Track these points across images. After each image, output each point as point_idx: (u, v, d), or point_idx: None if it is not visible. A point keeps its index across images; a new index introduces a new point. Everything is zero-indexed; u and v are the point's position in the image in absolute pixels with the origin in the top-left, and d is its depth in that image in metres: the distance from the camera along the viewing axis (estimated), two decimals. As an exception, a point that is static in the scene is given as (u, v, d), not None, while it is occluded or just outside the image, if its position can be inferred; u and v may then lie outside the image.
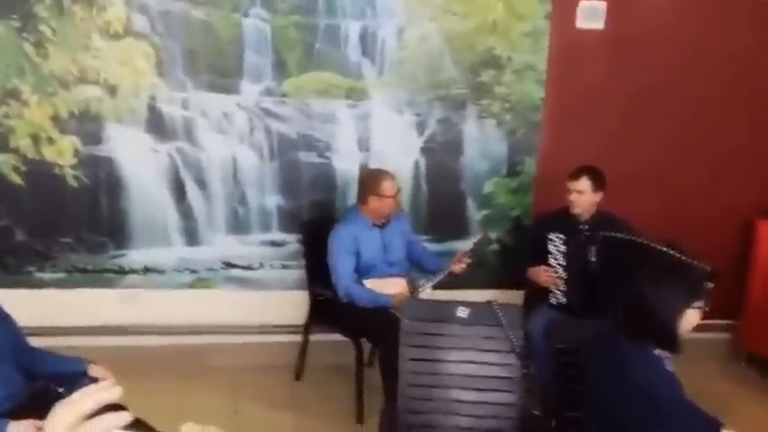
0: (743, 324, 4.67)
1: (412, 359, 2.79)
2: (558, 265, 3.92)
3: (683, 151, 4.61)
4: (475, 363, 2.78)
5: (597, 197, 3.87)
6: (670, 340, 2.18)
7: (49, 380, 2.47)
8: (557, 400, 2.65)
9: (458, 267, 3.86)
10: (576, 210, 3.85)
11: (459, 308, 2.85)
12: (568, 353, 2.75)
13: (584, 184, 3.81)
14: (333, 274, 3.73)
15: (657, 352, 2.22)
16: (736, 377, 4.45)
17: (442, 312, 2.88)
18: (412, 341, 2.81)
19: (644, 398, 2.08)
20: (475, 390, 2.74)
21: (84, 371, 2.61)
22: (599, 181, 3.85)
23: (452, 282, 3.98)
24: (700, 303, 2.20)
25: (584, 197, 3.83)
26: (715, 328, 4.79)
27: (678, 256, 3.37)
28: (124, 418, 0.88)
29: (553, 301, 3.95)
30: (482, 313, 2.78)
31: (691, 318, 2.21)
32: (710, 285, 3.38)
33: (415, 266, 4.07)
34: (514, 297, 4.18)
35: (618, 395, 2.16)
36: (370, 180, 3.80)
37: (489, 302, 2.72)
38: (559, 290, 3.93)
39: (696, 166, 4.63)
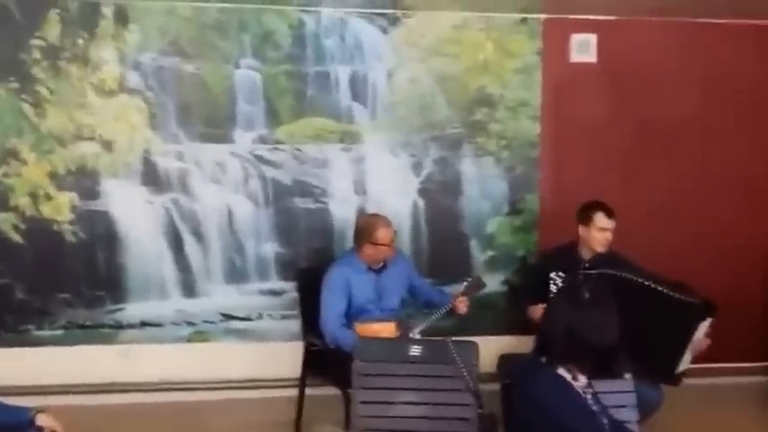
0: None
1: (364, 402, 2.83)
2: (558, 304, 3.94)
3: (693, 183, 4.72)
4: (429, 404, 2.82)
5: None
6: (609, 361, 2.26)
7: None
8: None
9: (460, 307, 3.92)
10: (602, 249, 3.88)
11: (413, 346, 2.92)
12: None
13: (614, 222, 3.87)
14: (321, 317, 3.83)
15: (579, 384, 2.26)
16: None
17: (394, 352, 2.95)
18: (364, 383, 2.85)
19: (545, 418, 2.15)
20: (430, 432, 2.74)
21: (31, 420, 2.67)
22: None
23: (458, 329, 4.01)
24: None
25: (611, 235, 3.88)
26: (753, 370, 4.76)
27: (668, 292, 3.42)
28: None
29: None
30: (436, 351, 2.82)
31: None
32: (709, 320, 3.42)
33: (425, 306, 4.14)
34: (529, 343, 4.20)
35: (529, 417, 2.22)
36: (365, 227, 3.92)
37: (444, 340, 2.75)
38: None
39: (706, 197, 4.73)
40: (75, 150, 4.22)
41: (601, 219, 3.85)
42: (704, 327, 3.47)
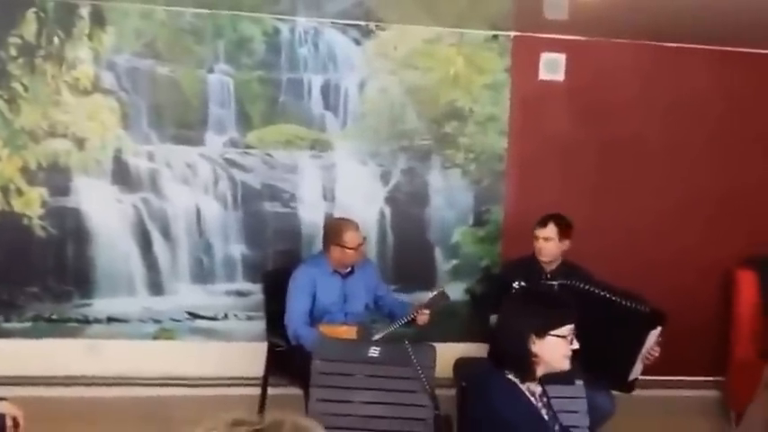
0: (729, 382, 4.86)
1: (321, 400, 3.01)
2: (520, 313, 4.18)
3: (653, 201, 5.01)
4: (386, 404, 2.99)
5: (564, 245, 4.15)
6: (523, 367, 2.34)
7: None
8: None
9: (422, 318, 4.12)
10: (543, 257, 4.14)
11: (372, 347, 3.11)
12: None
13: (550, 230, 4.09)
14: (286, 314, 4.03)
15: (525, 387, 2.36)
16: (727, 439, 4.63)
17: (353, 352, 3.13)
18: (322, 382, 3.04)
19: (495, 422, 2.26)
20: (385, 432, 2.92)
21: None
22: (565, 229, 4.15)
23: (420, 336, 4.24)
24: (559, 332, 2.34)
25: (550, 244, 4.10)
26: (704, 385, 5.07)
27: (620, 301, 3.67)
28: None
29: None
30: (395, 353, 3.00)
31: (553, 347, 2.34)
32: (659, 329, 3.67)
33: (387, 317, 4.33)
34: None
35: (480, 420, 2.33)
36: (333, 230, 4.11)
37: (403, 342, 2.93)
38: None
39: (669, 218, 5.02)
40: (47, 147, 4.43)
41: (536, 228, 4.10)
42: (654, 335, 3.66)
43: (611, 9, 4.03)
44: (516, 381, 2.33)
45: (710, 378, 5.06)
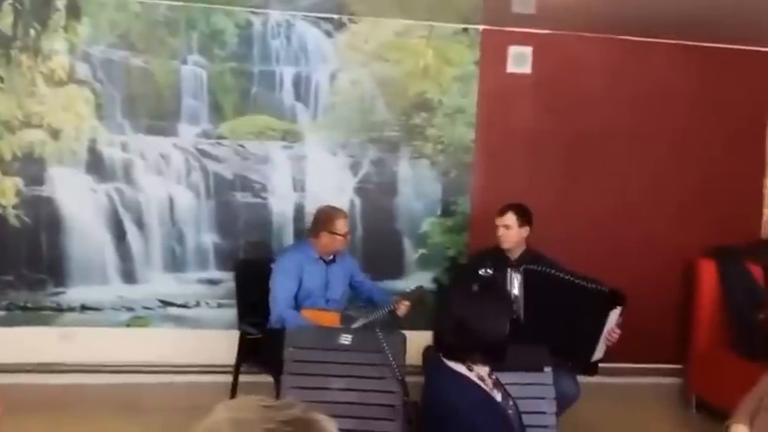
0: (690, 369, 5.05)
1: (293, 387, 3.13)
2: (486, 300, 4.35)
3: (618, 192, 5.21)
4: (357, 390, 3.11)
5: (524, 232, 4.29)
6: (501, 353, 2.39)
7: None
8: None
9: (401, 309, 4.30)
10: (505, 245, 4.28)
11: (343, 335, 3.23)
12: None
13: (509, 219, 4.24)
14: (270, 298, 4.17)
15: (475, 377, 2.39)
16: (686, 424, 4.79)
17: (325, 339, 3.25)
18: (294, 369, 3.16)
19: (447, 411, 2.32)
20: (356, 418, 3.02)
21: None
22: (524, 216, 4.29)
23: (390, 323, 4.40)
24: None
25: (510, 232, 4.24)
26: (664, 372, 5.26)
27: (581, 283, 3.84)
28: None
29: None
30: (366, 340, 3.15)
31: None
32: (619, 309, 3.83)
33: (367, 303, 4.51)
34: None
35: (436, 411, 2.39)
36: (324, 216, 4.29)
37: (374, 330, 3.09)
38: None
39: (635, 209, 5.23)
40: (22, 137, 4.58)
41: (496, 217, 4.26)
42: (615, 315, 3.81)
43: (578, 3, 4.23)
44: (462, 369, 2.36)
45: (672, 366, 5.24)
